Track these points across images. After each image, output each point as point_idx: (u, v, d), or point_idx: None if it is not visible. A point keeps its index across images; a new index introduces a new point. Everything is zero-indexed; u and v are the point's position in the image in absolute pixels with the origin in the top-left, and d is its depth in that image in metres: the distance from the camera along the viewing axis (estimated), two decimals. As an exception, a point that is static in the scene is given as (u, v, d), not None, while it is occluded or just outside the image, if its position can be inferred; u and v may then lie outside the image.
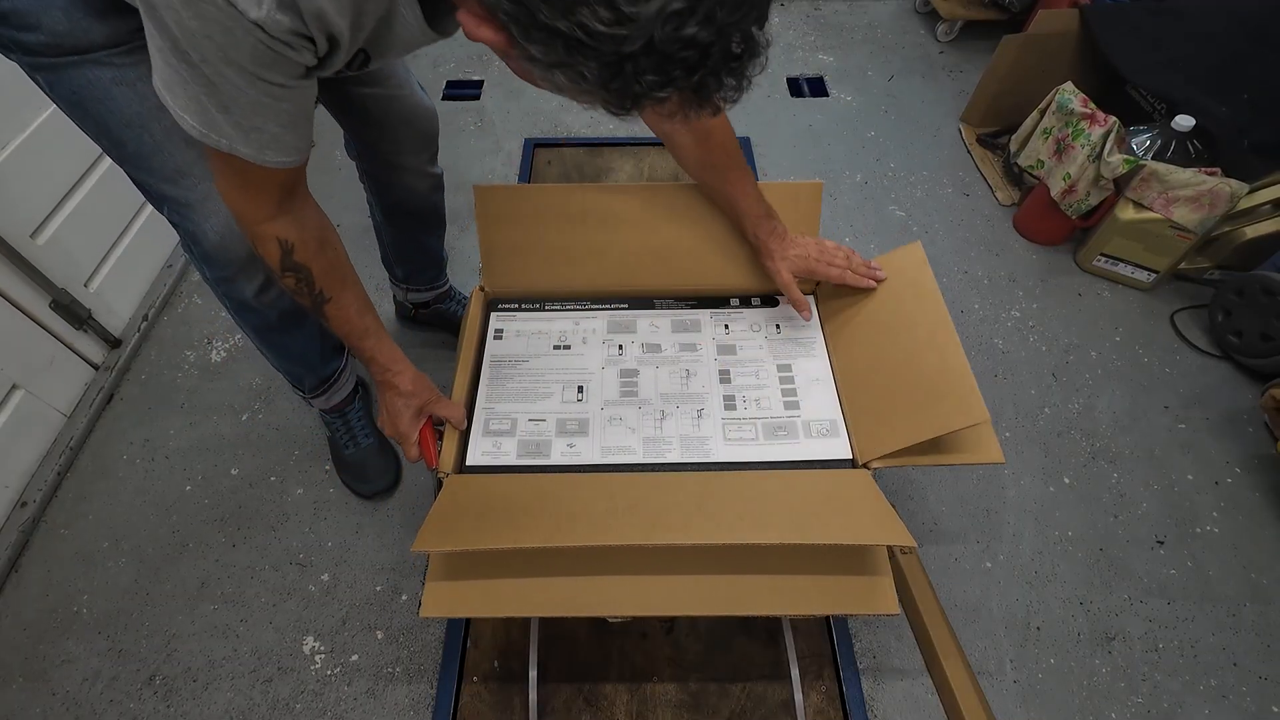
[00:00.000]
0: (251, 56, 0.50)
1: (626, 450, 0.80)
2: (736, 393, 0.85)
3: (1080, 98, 1.43)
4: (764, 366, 0.88)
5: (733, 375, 0.87)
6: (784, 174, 1.76)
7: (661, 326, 0.93)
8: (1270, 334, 1.29)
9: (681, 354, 0.89)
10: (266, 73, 0.52)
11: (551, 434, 0.82)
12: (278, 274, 0.69)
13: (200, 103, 0.53)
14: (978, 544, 1.15)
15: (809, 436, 0.81)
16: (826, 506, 0.72)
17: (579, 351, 0.90)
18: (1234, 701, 1.00)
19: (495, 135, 1.87)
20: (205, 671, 1.02)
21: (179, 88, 0.53)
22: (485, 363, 0.89)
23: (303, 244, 0.68)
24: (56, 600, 1.09)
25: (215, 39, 0.48)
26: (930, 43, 2.16)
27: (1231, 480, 1.23)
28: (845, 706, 0.97)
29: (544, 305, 0.94)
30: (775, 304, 0.94)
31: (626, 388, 0.86)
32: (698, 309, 0.94)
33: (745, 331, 0.92)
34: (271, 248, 0.67)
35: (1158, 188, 1.33)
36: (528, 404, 0.85)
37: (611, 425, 0.83)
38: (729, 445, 0.81)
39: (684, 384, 0.87)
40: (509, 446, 0.81)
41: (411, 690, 1.00)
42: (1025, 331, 1.44)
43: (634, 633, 1.02)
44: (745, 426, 0.82)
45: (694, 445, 0.81)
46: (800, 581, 0.72)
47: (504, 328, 0.92)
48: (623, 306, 0.94)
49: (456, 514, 0.71)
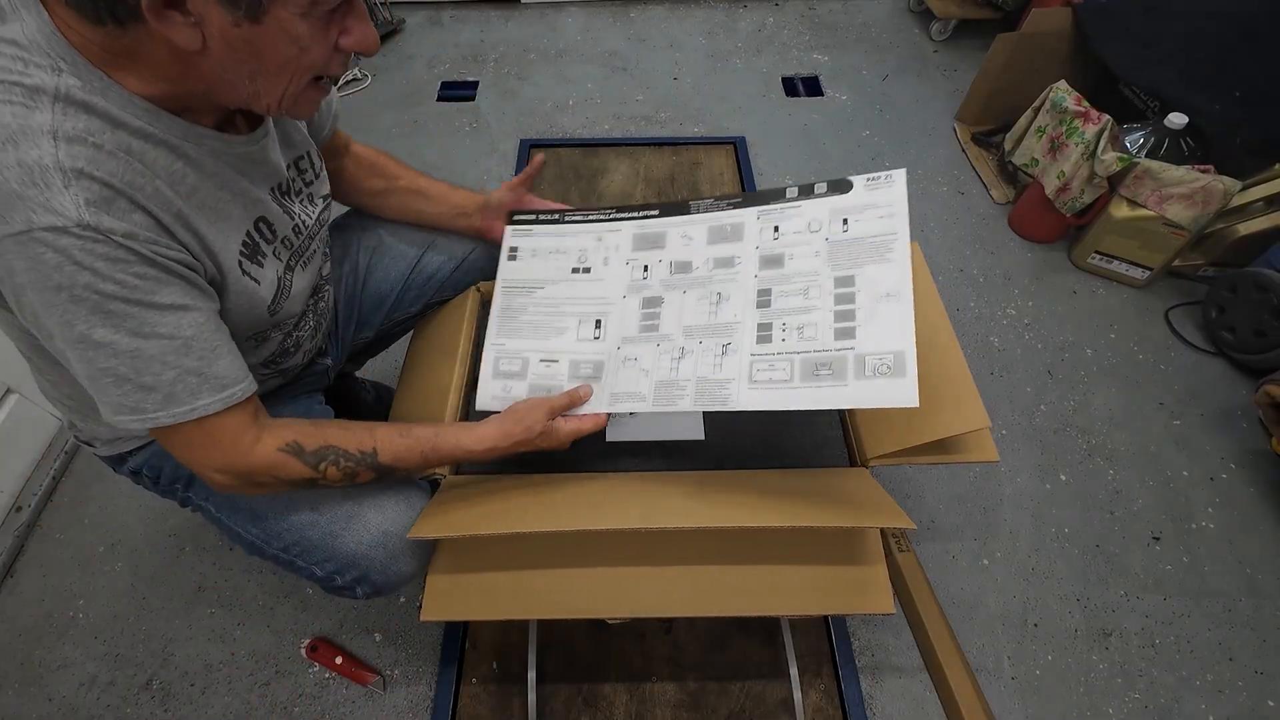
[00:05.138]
0: (127, 279, 0.48)
1: (636, 397, 0.72)
2: (775, 320, 0.69)
3: (1074, 96, 1.44)
4: (817, 281, 0.69)
5: (774, 297, 0.71)
6: (779, 173, 1.77)
7: (696, 238, 0.78)
8: (1263, 330, 1.29)
9: (715, 272, 0.75)
10: (155, 293, 0.49)
11: (564, 378, 0.76)
12: (311, 477, 0.62)
13: (127, 386, 0.51)
14: (975, 541, 1.15)
15: (861, 376, 0.63)
16: (825, 496, 0.72)
17: (599, 276, 0.80)
18: (1230, 696, 1.00)
19: (490, 136, 1.87)
20: (203, 675, 1.02)
21: (109, 386, 0.51)
22: (498, 289, 0.82)
23: (304, 434, 0.61)
24: (52, 605, 1.08)
25: (84, 281, 0.46)
26: (924, 42, 2.17)
27: (1226, 476, 1.23)
28: (844, 705, 0.97)
29: (564, 218, 0.83)
30: (848, 189, 0.72)
31: (647, 320, 0.76)
32: (741, 208, 0.77)
33: (800, 234, 0.72)
34: (282, 461, 0.60)
35: (1151, 185, 1.33)
36: (541, 341, 0.78)
37: (625, 367, 0.74)
38: (753, 389, 0.67)
39: (712, 312, 0.73)
40: (519, 390, 0.76)
41: (410, 692, 1.00)
42: (1021, 329, 1.45)
43: (632, 633, 1.02)
44: (779, 364, 0.67)
45: (710, 390, 0.69)
46: (797, 582, 0.72)
47: (519, 246, 0.83)
48: (652, 214, 0.80)
49: (453, 507, 0.71)
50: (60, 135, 0.45)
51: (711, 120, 1.92)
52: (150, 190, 0.49)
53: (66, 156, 0.45)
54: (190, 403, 0.53)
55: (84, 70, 0.47)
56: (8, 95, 0.44)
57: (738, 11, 2.29)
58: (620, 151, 1.81)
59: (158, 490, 0.76)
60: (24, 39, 0.45)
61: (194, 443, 0.57)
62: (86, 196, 0.45)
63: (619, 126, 1.90)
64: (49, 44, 0.46)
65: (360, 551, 0.68)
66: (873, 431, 0.77)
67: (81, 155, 0.46)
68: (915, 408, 0.60)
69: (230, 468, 0.58)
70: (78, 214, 0.45)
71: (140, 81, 0.49)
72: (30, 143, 0.44)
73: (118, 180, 0.47)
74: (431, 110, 1.95)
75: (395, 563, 0.69)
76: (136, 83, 0.49)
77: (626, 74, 2.07)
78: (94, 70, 0.47)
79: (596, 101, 1.98)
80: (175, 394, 0.53)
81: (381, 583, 0.70)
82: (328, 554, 0.68)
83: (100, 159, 0.46)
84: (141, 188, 0.49)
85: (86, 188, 0.45)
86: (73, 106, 0.46)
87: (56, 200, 0.44)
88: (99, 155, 0.46)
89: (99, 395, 0.53)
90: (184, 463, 0.59)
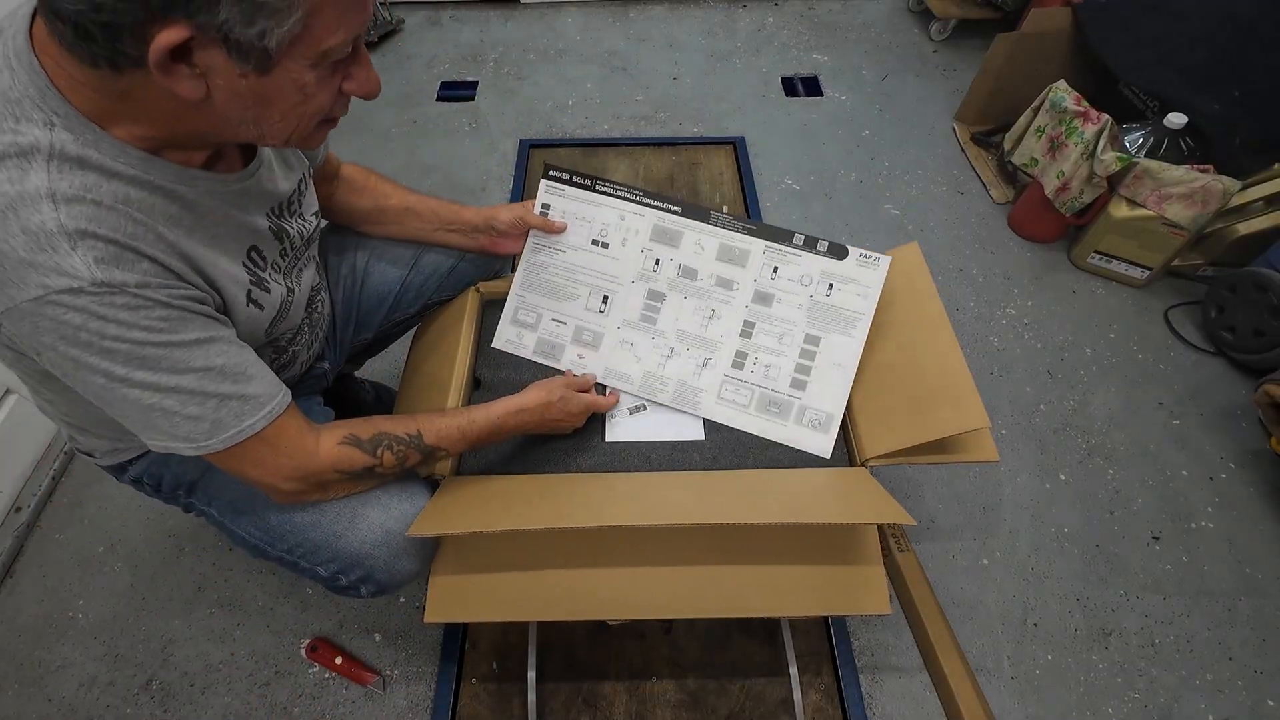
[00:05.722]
0: (152, 323, 0.49)
1: (626, 379, 0.84)
2: (751, 352, 0.82)
3: (1073, 96, 1.44)
4: (792, 332, 0.82)
5: (755, 332, 0.83)
6: (779, 173, 1.77)
7: (707, 249, 0.84)
8: (1263, 330, 1.30)
9: (714, 289, 0.84)
10: (180, 331, 0.51)
11: (567, 339, 0.86)
12: (370, 464, 0.64)
13: (175, 418, 0.53)
14: (974, 541, 1.15)
15: (799, 424, 0.80)
16: (825, 494, 0.72)
17: (615, 255, 0.86)
18: (1230, 695, 1.00)
19: (490, 136, 1.87)
20: (202, 676, 1.02)
21: (158, 420, 0.52)
22: (529, 241, 0.88)
23: (356, 426, 0.65)
24: (52, 605, 1.08)
25: (113, 333, 0.47)
26: (924, 42, 2.17)
27: (1226, 476, 1.23)
28: (844, 704, 0.97)
29: (595, 184, 0.87)
30: (843, 255, 0.82)
31: (648, 312, 0.85)
32: (753, 236, 0.84)
33: (792, 283, 0.82)
34: (346, 454, 0.63)
35: (1150, 185, 1.33)
36: (555, 301, 0.87)
37: (621, 349, 0.85)
38: (719, 405, 0.81)
39: (704, 325, 0.84)
40: (529, 340, 0.88)
41: (410, 692, 1.00)
42: (1020, 329, 1.45)
43: (632, 633, 1.02)
44: (743, 391, 0.81)
45: (687, 394, 0.82)
46: (795, 583, 0.72)
47: (551, 203, 0.88)
48: (675, 210, 0.86)
49: (453, 504, 0.72)
50: (59, 197, 0.45)
51: (711, 120, 1.92)
52: (152, 238, 0.50)
53: (68, 218, 0.45)
54: (236, 425, 0.55)
55: (76, 124, 0.46)
56: (1, 159, 0.44)
57: (737, 11, 2.29)
58: (620, 151, 1.81)
59: (160, 497, 0.77)
60: (15, 92, 0.45)
61: (263, 459, 0.58)
62: (95, 255, 0.46)
63: (618, 126, 1.90)
64: (42, 98, 0.45)
65: (364, 550, 0.68)
66: (872, 431, 0.77)
67: (82, 215, 0.46)
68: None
69: (300, 472, 0.60)
70: (90, 273, 0.45)
71: (133, 125, 0.48)
72: (30, 209, 0.44)
73: (121, 235, 0.47)
74: (431, 110, 1.95)
75: (399, 561, 0.69)
76: (128, 128, 0.48)
77: (626, 74, 2.07)
78: (87, 124, 0.47)
79: (596, 101, 1.98)
80: (221, 419, 0.54)
81: (385, 581, 0.70)
82: (331, 554, 0.68)
83: (101, 215, 0.47)
84: (144, 237, 0.49)
85: (93, 246, 0.46)
86: (67, 163, 0.46)
87: (67, 263, 0.45)
88: (99, 212, 0.47)
89: (146, 432, 0.54)
90: (253, 483, 0.61)
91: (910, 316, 0.81)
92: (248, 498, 0.70)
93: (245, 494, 0.70)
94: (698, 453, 0.80)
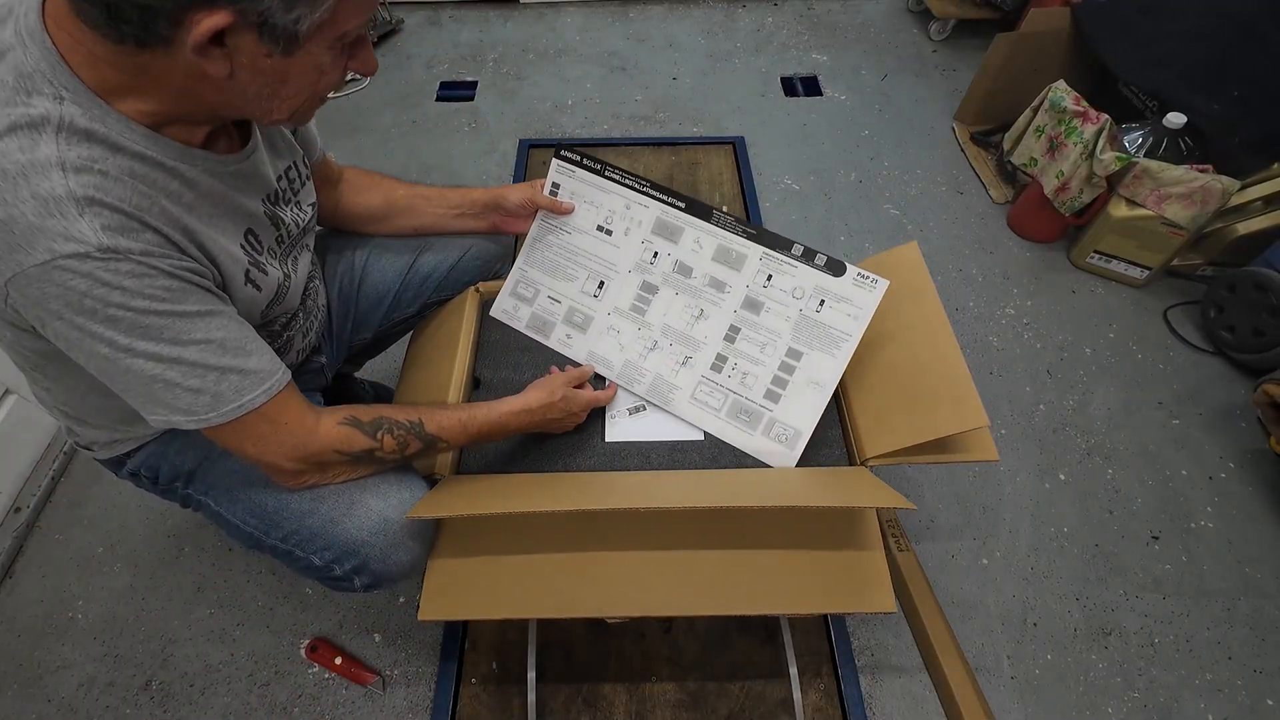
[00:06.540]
0: (155, 292, 0.50)
1: (606, 365, 0.86)
2: (732, 357, 0.82)
3: (1072, 96, 1.44)
4: (775, 344, 0.81)
5: (739, 338, 0.82)
6: (779, 173, 1.77)
7: (705, 248, 0.84)
8: (1262, 329, 1.30)
9: (706, 289, 0.84)
10: (183, 302, 0.52)
11: (559, 318, 0.89)
12: (370, 446, 0.65)
13: (177, 390, 0.53)
14: (974, 541, 1.15)
15: (766, 435, 0.80)
16: (824, 486, 0.73)
17: (616, 243, 0.87)
18: (1229, 695, 1.01)
19: (490, 136, 1.87)
20: (202, 676, 1.02)
21: (160, 392, 0.53)
22: (538, 218, 0.90)
23: (357, 410, 0.65)
24: (51, 606, 1.08)
25: (117, 300, 0.48)
26: (923, 41, 2.17)
27: (1225, 475, 1.23)
28: (844, 704, 0.97)
29: (605, 170, 0.87)
30: (840, 272, 0.79)
31: (639, 303, 0.86)
32: (751, 241, 0.83)
33: (784, 294, 0.81)
34: (346, 434, 0.63)
35: (1150, 185, 1.34)
36: (553, 280, 0.89)
37: (608, 335, 0.86)
38: (691, 404, 0.82)
39: (691, 324, 0.84)
40: (524, 314, 0.90)
41: (410, 692, 1.00)
42: (1020, 329, 1.45)
43: (632, 633, 1.02)
44: (717, 394, 0.82)
45: (661, 389, 0.83)
46: (797, 581, 0.72)
47: (561, 184, 0.88)
48: (679, 205, 0.86)
49: (451, 495, 0.72)
50: (68, 166, 0.46)
51: (710, 120, 1.92)
52: (156, 210, 0.51)
53: (77, 185, 0.46)
54: (237, 399, 0.56)
55: (84, 99, 0.48)
56: (13, 129, 0.46)
57: (736, 11, 2.30)
58: (619, 151, 1.81)
59: (157, 490, 0.77)
60: (28, 67, 0.47)
61: (262, 435, 0.59)
62: (102, 222, 0.47)
63: (618, 126, 1.90)
64: (53, 72, 0.47)
65: (360, 538, 0.68)
66: (872, 431, 0.77)
67: (90, 183, 0.47)
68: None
69: (300, 450, 0.61)
70: (96, 239, 0.46)
71: (140, 101, 0.50)
72: (40, 175, 0.46)
73: (127, 204, 0.49)
74: (430, 110, 1.95)
75: (395, 551, 0.69)
76: (134, 103, 0.50)
77: (625, 74, 2.07)
78: (95, 99, 0.48)
79: (595, 101, 1.98)
80: (222, 393, 0.55)
81: (380, 571, 0.70)
82: (327, 541, 0.68)
83: (108, 185, 0.48)
84: (148, 209, 0.50)
85: (100, 214, 0.47)
86: (75, 135, 0.47)
87: (75, 228, 0.46)
88: (106, 182, 0.48)
89: (148, 406, 0.55)
90: (254, 460, 0.61)
91: (910, 316, 0.81)
92: (245, 486, 0.71)
93: (242, 482, 0.71)
94: (697, 453, 0.80)
